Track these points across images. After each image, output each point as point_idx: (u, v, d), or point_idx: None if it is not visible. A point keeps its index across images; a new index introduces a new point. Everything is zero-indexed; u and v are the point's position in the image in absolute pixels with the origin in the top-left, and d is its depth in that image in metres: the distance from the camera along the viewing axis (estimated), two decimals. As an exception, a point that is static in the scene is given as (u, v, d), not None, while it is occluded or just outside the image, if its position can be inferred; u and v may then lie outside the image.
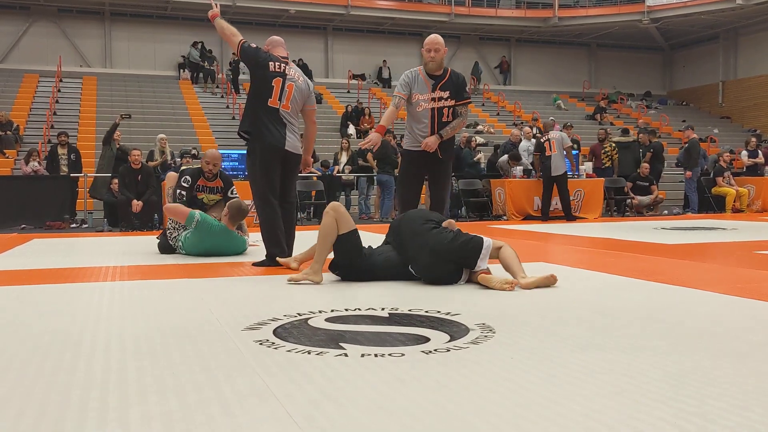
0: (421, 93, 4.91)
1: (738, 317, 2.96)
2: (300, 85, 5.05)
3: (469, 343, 2.51)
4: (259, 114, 4.91)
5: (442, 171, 5.08)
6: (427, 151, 4.92)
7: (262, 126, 4.89)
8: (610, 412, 1.73)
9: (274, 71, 4.93)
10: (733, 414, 1.71)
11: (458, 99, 4.97)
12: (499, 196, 12.06)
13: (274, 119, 4.91)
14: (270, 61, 4.97)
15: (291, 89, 4.96)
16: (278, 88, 4.91)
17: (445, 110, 4.92)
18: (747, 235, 7.67)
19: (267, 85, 4.90)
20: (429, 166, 5.04)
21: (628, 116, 24.85)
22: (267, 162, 4.90)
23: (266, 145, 4.88)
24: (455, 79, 5.00)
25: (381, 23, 25.51)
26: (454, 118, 4.97)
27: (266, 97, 4.90)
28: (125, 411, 1.79)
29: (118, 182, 10.31)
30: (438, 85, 4.91)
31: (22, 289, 4.04)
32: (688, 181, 13.33)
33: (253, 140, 4.91)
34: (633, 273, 4.36)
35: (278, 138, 4.90)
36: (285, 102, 4.94)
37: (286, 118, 4.95)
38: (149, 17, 23.92)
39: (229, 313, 3.14)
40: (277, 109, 4.91)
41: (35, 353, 2.42)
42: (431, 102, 4.89)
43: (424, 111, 4.90)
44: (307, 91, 5.14)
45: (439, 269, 3.91)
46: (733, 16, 24.89)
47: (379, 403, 1.83)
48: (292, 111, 5.00)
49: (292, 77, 5.01)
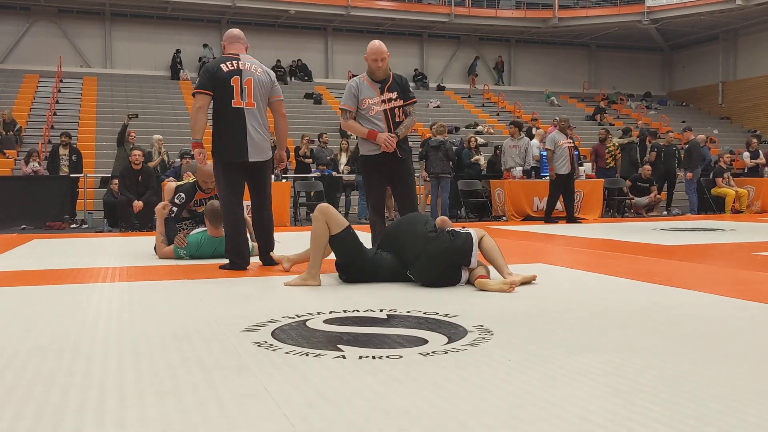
0: (371, 97, 4.97)
1: (735, 319, 2.97)
2: (259, 77, 4.85)
3: (467, 345, 2.52)
4: (222, 123, 4.76)
5: (404, 171, 5.09)
6: (387, 153, 4.95)
7: (225, 137, 4.74)
8: (606, 413, 1.74)
9: (229, 70, 4.76)
10: (728, 416, 1.71)
11: (405, 99, 5.06)
12: (498, 196, 12.07)
13: (239, 124, 4.73)
14: (221, 63, 4.81)
15: (250, 84, 4.77)
16: (237, 87, 4.73)
17: (396, 110, 5.00)
18: (746, 236, 7.67)
19: (226, 86, 4.72)
20: (390, 167, 5.03)
21: (627, 117, 24.87)
22: (229, 176, 4.82)
23: (226, 161, 4.78)
24: (399, 80, 5.11)
25: (381, 24, 25.52)
26: (406, 117, 5.06)
27: (228, 99, 4.73)
28: (123, 412, 1.80)
29: (119, 183, 10.32)
30: (385, 87, 5.00)
31: (22, 290, 4.05)
32: (687, 182, 13.34)
33: (215, 153, 4.81)
34: (631, 274, 4.36)
35: (240, 152, 4.74)
36: (248, 100, 4.76)
37: (253, 117, 4.78)
38: (149, 17, 23.92)
39: (228, 315, 3.15)
40: (241, 109, 4.74)
41: (34, 354, 2.43)
42: (382, 104, 4.96)
43: (377, 114, 4.96)
44: (269, 82, 4.92)
45: (438, 272, 3.91)
46: (733, 17, 24.90)
47: (376, 404, 1.84)
48: (258, 108, 4.82)
49: (249, 71, 4.81)
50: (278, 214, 10.46)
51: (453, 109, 23.61)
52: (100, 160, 15.02)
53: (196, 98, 4.79)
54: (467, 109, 23.87)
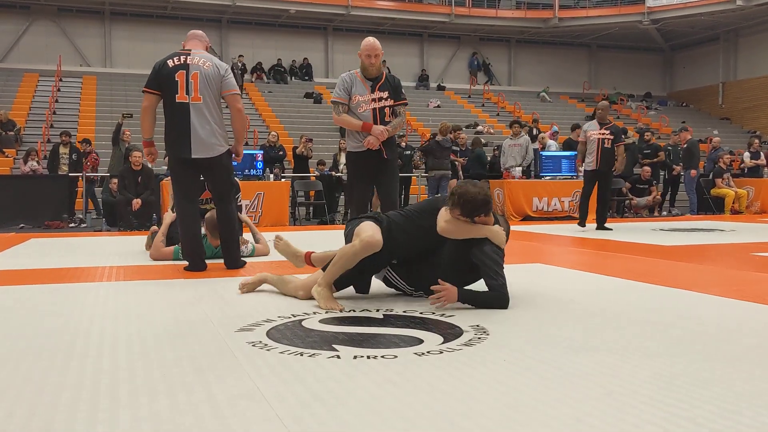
0: (361, 94, 4.91)
1: (732, 319, 2.96)
2: (207, 71, 4.69)
3: (462, 345, 2.51)
4: (168, 118, 4.68)
5: (389, 171, 5.02)
6: (372, 152, 4.88)
7: (172, 133, 4.70)
8: (600, 414, 1.73)
9: (175, 65, 4.68)
10: (722, 417, 1.71)
11: (396, 99, 5.01)
12: (498, 196, 12.06)
13: (183, 119, 4.63)
14: (168, 59, 4.74)
15: (196, 78, 4.65)
16: (183, 81, 4.63)
17: (386, 110, 4.95)
18: (745, 236, 7.66)
19: (171, 81, 4.64)
20: (375, 167, 4.96)
21: (628, 117, 24.86)
22: (177, 173, 4.77)
23: (173, 157, 4.74)
24: (392, 80, 5.06)
25: (381, 23, 25.51)
26: (395, 118, 5.00)
27: (173, 93, 4.63)
28: (115, 412, 1.79)
29: (118, 183, 10.30)
30: (377, 86, 4.95)
31: (19, 289, 4.04)
32: (688, 182, 13.32)
33: (166, 149, 4.78)
34: (629, 275, 4.36)
35: (183, 147, 4.64)
36: (194, 94, 4.64)
37: (199, 112, 4.65)
38: (149, 17, 23.92)
39: (224, 314, 3.14)
40: (186, 104, 4.63)
41: (28, 353, 2.42)
42: (372, 102, 4.91)
43: (366, 112, 4.90)
44: (217, 76, 4.73)
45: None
46: (734, 18, 24.89)
47: (370, 405, 1.83)
48: (206, 103, 4.67)
49: (197, 65, 4.69)
50: (277, 213, 10.51)
51: (453, 109, 23.61)
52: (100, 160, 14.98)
53: (143, 97, 4.78)
54: (467, 109, 23.86)
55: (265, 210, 10.36)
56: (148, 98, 4.76)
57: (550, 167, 12.21)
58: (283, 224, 10.41)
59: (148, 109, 4.77)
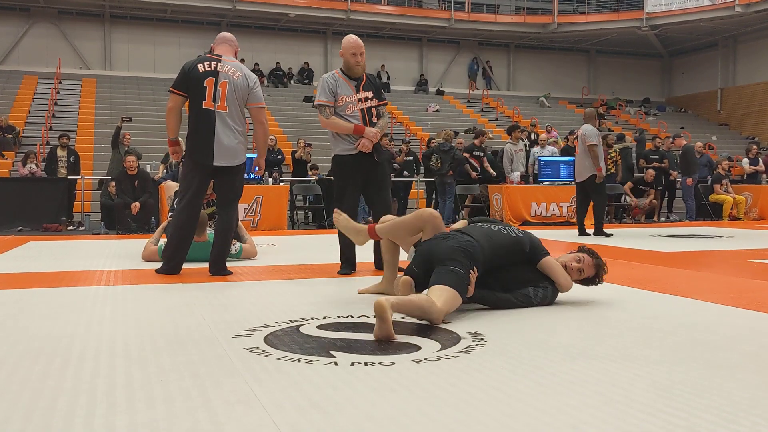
0: (348, 95, 4.80)
1: (731, 327, 2.96)
2: (236, 82, 4.68)
3: (459, 351, 2.51)
4: (193, 122, 4.67)
5: (380, 174, 4.93)
6: (364, 154, 4.79)
7: (194, 137, 4.68)
8: (598, 422, 1.73)
9: (205, 71, 4.64)
10: (720, 426, 1.70)
11: (379, 99, 4.95)
12: (496, 201, 12.06)
13: (208, 126, 4.62)
14: (199, 63, 4.70)
15: (224, 87, 4.63)
16: (211, 89, 4.61)
17: (372, 110, 4.88)
18: (743, 243, 7.67)
19: (200, 86, 4.62)
20: (366, 170, 4.85)
21: (626, 122, 24.88)
22: (192, 177, 4.73)
23: (193, 162, 4.72)
24: (373, 80, 5.00)
25: (380, 28, 25.54)
26: (379, 118, 4.93)
27: (200, 99, 4.62)
28: (112, 418, 1.78)
29: (115, 187, 10.29)
30: (360, 85, 4.87)
31: (16, 293, 4.03)
32: (685, 188, 13.34)
33: (186, 150, 4.77)
34: (627, 281, 4.35)
35: (206, 154, 4.63)
36: (220, 102, 4.62)
37: (223, 121, 4.64)
38: (149, 20, 23.94)
39: (221, 319, 3.13)
40: (212, 112, 4.62)
41: (25, 358, 2.41)
42: (359, 102, 4.82)
43: (354, 112, 4.80)
44: (246, 88, 4.72)
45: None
46: (732, 24, 24.95)
47: (367, 412, 1.83)
48: (231, 112, 4.67)
49: (227, 74, 4.67)
50: (276, 217, 10.50)
51: (452, 114, 23.63)
52: (99, 162, 15.00)
53: (169, 98, 4.76)
54: (466, 114, 23.88)
55: (264, 214, 10.36)
56: (174, 99, 4.74)
57: (548, 172, 12.23)
58: (282, 228, 10.40)
59: (174, 109, 4.76)
